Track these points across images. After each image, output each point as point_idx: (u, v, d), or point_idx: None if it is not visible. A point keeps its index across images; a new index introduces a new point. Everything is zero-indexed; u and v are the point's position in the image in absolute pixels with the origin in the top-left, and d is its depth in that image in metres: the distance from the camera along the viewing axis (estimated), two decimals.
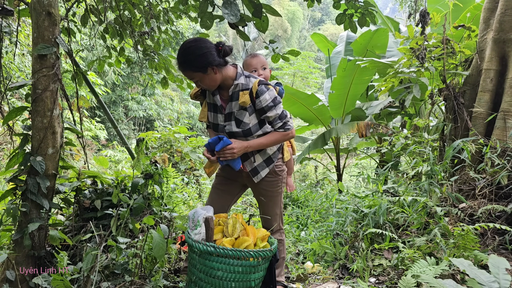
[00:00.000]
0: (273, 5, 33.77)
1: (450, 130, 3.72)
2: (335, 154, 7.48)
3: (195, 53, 2.06)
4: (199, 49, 2.06)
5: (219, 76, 2.15)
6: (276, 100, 2.19)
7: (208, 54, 2.07)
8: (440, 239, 2.54)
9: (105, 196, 2.92)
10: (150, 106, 18.77)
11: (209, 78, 2.12)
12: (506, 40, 3.45)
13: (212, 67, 2.09)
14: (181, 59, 2.09)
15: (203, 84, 2.17)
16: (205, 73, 2.09)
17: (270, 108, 2.17)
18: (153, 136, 6.64)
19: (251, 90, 2.17)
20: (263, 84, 2.17)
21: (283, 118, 2.23)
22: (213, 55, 2.08)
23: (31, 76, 2.37)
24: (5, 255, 2.00)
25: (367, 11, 3.26)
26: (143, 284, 2.32)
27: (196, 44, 2.08)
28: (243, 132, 2.23)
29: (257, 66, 2.56)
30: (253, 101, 2.18)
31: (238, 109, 2.21)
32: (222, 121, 2.28)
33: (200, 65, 2.06)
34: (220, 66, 2.13)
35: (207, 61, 2.07)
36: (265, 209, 2.49)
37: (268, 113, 2.19)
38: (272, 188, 2.43)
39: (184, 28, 16.29)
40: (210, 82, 2.14)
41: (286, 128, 2.25)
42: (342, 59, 6.14)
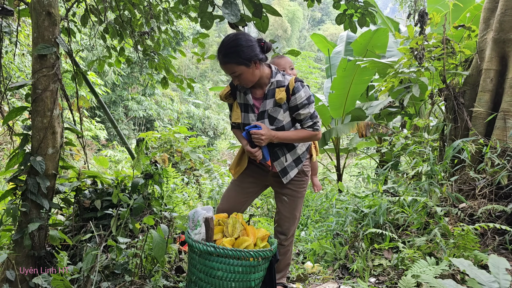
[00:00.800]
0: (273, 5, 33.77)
1: (450, 130, 3.72)
2: (335, 154, 7.48)
3: (243, 44, 2.05)
4: (246, 41, 2.06)
5: (258, 72, 2.14)
6: (311, 99, 2.20)
7: (254, 47, 2.07)
8: (440, 239, 2.54)
9: (105, 196, 2.92)
10: (150, 106, 18.77)
11: (251, 72, 2.10)
12: (506, 40, 3.45)
13: (255, 61, 2.08)
14: (226, 50, 2.06)
15: (242, 79, 2.12)
16: (248, 67, 2.08)
17: (304, 105, 2.17)
18: (153, 136, 6.64)
19: (287, 86, 2.16)
20: (299, 81, 2.18)
21: (314, 117, 2.22)
22: (257, 49, 2.08)
23: (31, 76, 2.37)
24: (5, 255, 2.00)
25: (367, 11, 3.26)
26: (143, 284, 2.32)
27: (243, 36, 2.08)
28: (277, 129, 2.22)
29: (286, 66, 2.57)
30: (289, 98, 2.17)
31: (273, 106, 2.19)
32: (254, 120, 2.25)
33: (245, 58, 2.04)
34: (262, 62, 2.13)
35: (253, 54, 2.06)
36: (285, 211, 2.45)
37: (301, 110, 2.18)
38: (298, 188, 2.42)
39: (184, 28, 16.29)
40: (250, 77, 2.12)
41: (315, 128, 2.24)
42: (342, 59, 6.14)
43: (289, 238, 2.51)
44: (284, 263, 2.55)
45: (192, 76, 26.26)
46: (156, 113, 19.32)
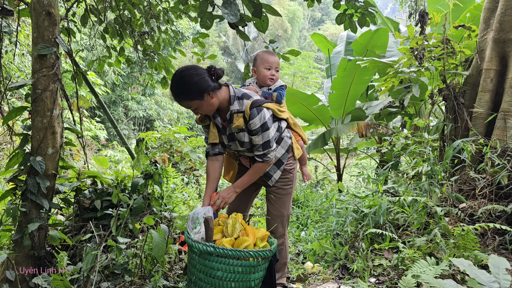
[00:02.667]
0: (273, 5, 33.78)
1: (450, 130, 3.72)
2: (335, 154, 7.48)
3: (189, 81, 2.05)
4: (192, 77, 2.05)
5: (216, 100, 2.15)
6: (265, 126, 2.16)
7: (202, 80, 2.05)
8: (440, 239, 2.54)
9: (105, 196, 2.92)
10: (150, 106, 18.77)
11: (207, 103, 2.12)
12: (506, 40, 3.44)
13: (208, 93, 2.08)
14: (176, 90, 2.08)
15: (202, 111, 2.17)
16: (202, 100, 2.09)
17: (257, 132, 2.17)
18: (153, 136, 6.63)
19: (244, 112, 2.16)
20: (256, 106, 2.15)
21: (266, 148, 2.21)
22: (207, 81, 2.07)
23: (31, 76, 2.37)
24: (5, 255, 2.00)
25: (367, 11, 3.25)
26: (143, 284, 2.32)
27: (188, 72, 2.07)
28: (248, 150, 2.29)
29: (273, 65, 2.47)
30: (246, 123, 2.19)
31: (237, 132, 2.23)
32: (226, 141, 2.33)
33: (196, 93, 2.06)
34: (215, 90, 2.12)
35: (203, 88, 2.05)
36: (272, 209, 2.50)
37: (254, 137, 2.19)
38: (284, 186, 2.46)
39: (184, 28, 16.28)
40: (208, 107, 2.14)
41: (265, 160, 2.24)
42: (342, 59, 6.14)
43: (279, 238, 2.52)
44: (280, 262, 2.55)
45: None
46: (156, 113, 19.32)
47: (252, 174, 2.30)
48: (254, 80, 2.56)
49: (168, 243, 2.65)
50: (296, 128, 2.56)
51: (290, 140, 2.43)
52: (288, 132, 2.45)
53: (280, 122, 2.41)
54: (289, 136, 2.44)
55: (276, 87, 2.48)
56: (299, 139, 2.60)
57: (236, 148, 2.33)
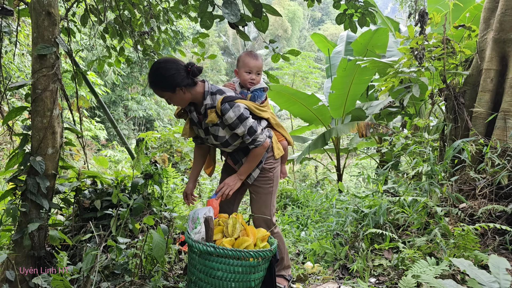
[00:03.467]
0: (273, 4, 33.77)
1: (450, 130, 3.72)
2: (335, 154, 7.48)
3: (164, 74, 2.14)
4: (167, 70, 2.14)
5: (188, 95, 2.23)
6: (242, 116, 2.21)
7: (176, 75, 2.14)
8: (440, 239, 2.53)
9: (105, 196, 2.92)
10: (150, 106, 18.77)
11: (178, 97, 2.21)
12: (507, 40, 3.44)
13: (181, 88, 2.17)
14: (150, 78, 2.18)
15: (173, 102, 2.26)
16: (174, 93, 2.18)
17: (236, 125, 2.22)
18: (153, 136, 6.63)
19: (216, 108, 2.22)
20: (227, 101, 2.20)
21: (252, 133, 2.25)
22: (181, 76, 2.15)
23: (31, 76, 2.37)
24: (5, 255, 2.00)
25: (367, 11, 3.25)
26: (143, 284, 2.32)
27: (165, 65, 2.16)
28: (222, 144, 2.37)
29: (253, 70, 2.44)
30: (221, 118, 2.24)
31: (211, 126, 2.30)
32: (203, 135, 2.42)
33: (168, 85, 2.15)
34: (188, 86, 2.20)
35: (175, 82, 2.14)
36: (254, 208, 2.53)
37: (236, 130, 2.25)
38: (263, 185, 2.47)
39: (184, 28, 16.28)
40: (179, 101, 2.24)
41: (257, 144, 2.28)
42: (342, 59, 6.13)
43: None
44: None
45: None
46: (156, 113, 19.32)
47: (251, 161, 2.34)
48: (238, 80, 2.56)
49: (168, 243, 2.65)
50: (279, 129, 2.57)
51: (270, 140, 2.44)
52: (267, 132, 2.46)
53: (260, 121, 2.43)
54: (269, 135, 2.45)
55: (255, 88, 2.47)
56: (282, 139, 2.59)
57: (212, 142, 2.40)
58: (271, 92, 6.54)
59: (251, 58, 2.46)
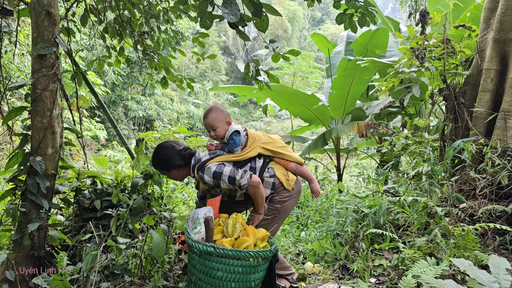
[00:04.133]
0: (273, 4, 33.76)
1: (450, 130, 3.71)
2: (335, 154, 7.47)
3: (160, 158, 2.54)
4: (162, 156, 2.52)
5: (182, 173, 2.57)
6: (216, 174, 2.37)
7: (169, 160, 2.50)
8: (440, 239, 2.53)
9: (104, 196, 2.91)
10: (150, 106, 18.77)
11: (173, 175, 2.58)
12: (507, 40, 3.44)
13: (174, 168, 2.52)
14: (152, 160, 2.60)
15: (170, 178, 2.64)
16: (169, 172, 2.56)
17: (217, 183, 2.39)
18: (153, 136, 6.62)
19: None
20: (199, 169, 2.42)
21: (232, 182, 2.37)
22: (173, 160, 2.50)
23: (30, 76, 2.37)
24: (5, 255, 2.00)
25: (367, 11, 3.25)
26: (143, 285, 2.32)
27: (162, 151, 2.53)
28: (229, 199, 2.61)
29: (207, 128, 2.60)
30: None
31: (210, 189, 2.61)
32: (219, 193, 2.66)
33: (164, 167, 2.55)
34: (181, 167, 2.53)
35: (169, 165, 2.52)
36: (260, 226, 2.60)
37: (220, 186, 2.42)
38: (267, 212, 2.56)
39: (184, 28, 16.28)
40: (175, 177, 2.61)
41: (244, 187, 2.37)
42: (342, 59, 6.13)
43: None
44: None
45: (192, 76, 26.26)
46: (156, 113, 19.32)
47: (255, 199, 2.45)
48: None
49: (168, 243, 2.65)
50: (277, 155, 2.58)
51: (273, 179, 2.51)
52: (268, 172, 2.52)
53: (252, 162, 2.51)
54: (271, 175, 2.51)
55: (227, 138, 2.55)
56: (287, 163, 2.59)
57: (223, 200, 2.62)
58: (271, 92, 6.54)
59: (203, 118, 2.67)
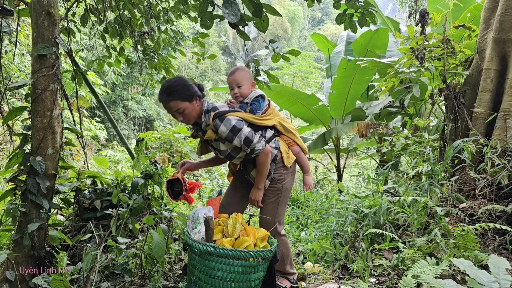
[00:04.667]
0: (273, 4, 33.75)
1: (450, 130, 3.71)
2: (335, 154, 7.47)
3: (183, 84, 2.27)
4: (185, 81, 2.29)
5: (198, 108, 2.32)
6: (235, 129, 2.25)
7: (192, 86, 2.29)
8: (440, 239, 2.53)
9: (105, 196, 2.92)
10: (150, 106, 18.77)
11: (193, 108, 2.29)
12: (507, 40, 3.44)
13: (196, 98, 2.29)
14: (169, 90, 2.24)
15: (186, 115, 2.28)
16: (191, 102, 2.27)
17: (231, 137, 2.27)
18: (153, 136, 6.63)
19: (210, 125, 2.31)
20: (218, 117, 2.26)
21: (248, 144, 2.28)
22: (195, 87, 2.30)
23: (30, 76, 2.37)
24: (5, 255, 2.00)
25: (367, 11, 3.25)
26: (143, 284, 2.32)
27: (180, 78, 2.33)
28: (226, 157, 2.45)
29: (232, 85, 2.52)
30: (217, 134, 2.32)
31: (213, 141, 2.40)
32: (213, 150, 2.55)
33: (188, 94, 2.25)
34: (200, 98, 2.33)
35: (193, 91, 2.28)
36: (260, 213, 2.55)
37: (233, 142, 2.29)
38: (271, 195, 2.48)
39: (184, 28, 16.28)
40: (192, 112, 2.30)
41: (256, 153, 2.31)
42: (342, 59, 6.14)
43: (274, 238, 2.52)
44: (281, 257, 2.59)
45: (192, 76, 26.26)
46: (156, 113, 19.32)
47: (260, 169, 2.37)
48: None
49: (168, 243, 2.65)
50: (287, 134, 2.56)
51: (276, 151, 2.45)
52: (274, 143, 2.46)
53: (264, 131, 2.45)
54: (276, 147, 2.46)
55: (252, 99, 2.50)
56: (293, 144, 2.57)
57: (220, 156, 2.50)
58: (271, 92, 6.54)
59: (229, 75, 2.58)
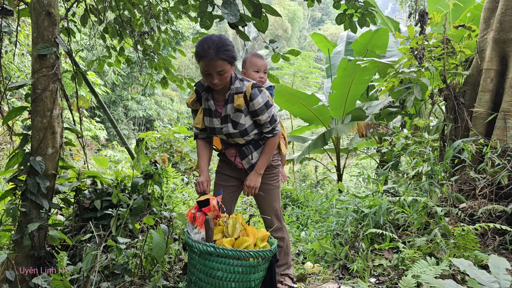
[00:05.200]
0: (273, 5, 33.76)
1: (450, 130, 3.71)
2: (335, 154, 7.48)
3: (232, 45, 2.13)
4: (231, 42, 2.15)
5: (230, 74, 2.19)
6: (268, 103, 2.26)
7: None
8: (440, 239, 2.53)
9: (105, 196, 2.92)
10: (150, 106, 18.76)
11: (230, 73, 2.17)
12: (507, 40, 3.44)
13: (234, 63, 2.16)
14: (222, 48, 2.06)
15: (224, 78, 2.15)
16: (232, 66, 2.15)
17: (262, 111, 2.25)
18: (153, 136, 6.63)
19: (245, 93, 2.22)
20: (256, 87, 2.23)
21: (273, 122, 2.31)
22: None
23: (30, 76, 2.37)
24: (5, 255, 2.00)
25: (367, 11, 3.25)
26: (143, 284, 2.32)
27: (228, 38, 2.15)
28: (240, 132, 2.30)
29: (261, 68, 2.60)
30: (247, 104, 2.25)
31: (234, 112, 2.27)
32: (218, 124, 2.34)
33: (234, 58, 2.13)
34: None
35: (236, 55, 2.16)
36: (264, 204, 2.55)
37: (260, 116, 2.27)
38: (270, 181, 2.50)
39: (184, 28, 16.28)
40: (228, 77, 2.18)
41: (275, 133, 2.35)
42: (342, 59, 6.14)
43: (278, 231, 2.56)
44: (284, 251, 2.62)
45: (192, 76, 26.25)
46: (156, 113, 19.31)
47: (268, 152, 2.37)
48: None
49: (168, 243, 2.65)
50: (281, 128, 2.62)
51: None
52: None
53: None
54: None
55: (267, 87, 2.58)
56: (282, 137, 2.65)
57: (228, 131, 2.31)
58: None
59: (258, 58, 2.59)
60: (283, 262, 2.63)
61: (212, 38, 2.09)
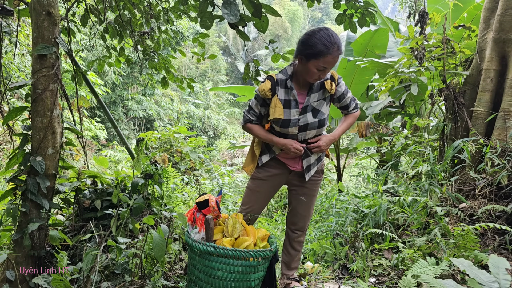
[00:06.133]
0: (273, 5, 33.75)
1: (450, 130, 3.72)
2: (335, 154, 7.47)
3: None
4: None
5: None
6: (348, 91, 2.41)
7: None
8: (440, 239, 2.54)
9: (105, 196, 2.92)
10: (150, 106, 18.77)
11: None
12: (506, 40, 3.44)
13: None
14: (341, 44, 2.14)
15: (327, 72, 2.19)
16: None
17: (347, 91, 2.38)
18: (153, 136, 6.64)
19: (332, 78, 2.31)
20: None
21: (354, 99, 2.45)
22: None
23: (31, 76, 2.37)
24: (5, 255, 2.00)
25: (367, 11, 3.25)
26: (143, 284, 2.32)
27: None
28: (319, 122, 2.30)
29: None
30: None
31: (317, 100, 2.30)
32: (296, 115, 2.27)
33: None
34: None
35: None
36: (302, 210, 2.53)
37: (346, 96, 2.38)
38: (315, 187, 2.52)
39: (184, 28, 16.29)
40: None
41: (358, 107, 2.47)
42: (342, 59, 6.14)
43: (304, 233, 2.62)
44: (298, 257, 2.64)
45: (192, 76, 26.25)
46: (156, 113, 19.32)
47: (349, 122, 2.45)
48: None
49: (168, 243, 2.65)
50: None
51: None
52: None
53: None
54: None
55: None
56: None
57: (306, 121, 2.27)
58: None
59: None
60: (295, 265, 2.65)
61: (333, 34, 2.11)
